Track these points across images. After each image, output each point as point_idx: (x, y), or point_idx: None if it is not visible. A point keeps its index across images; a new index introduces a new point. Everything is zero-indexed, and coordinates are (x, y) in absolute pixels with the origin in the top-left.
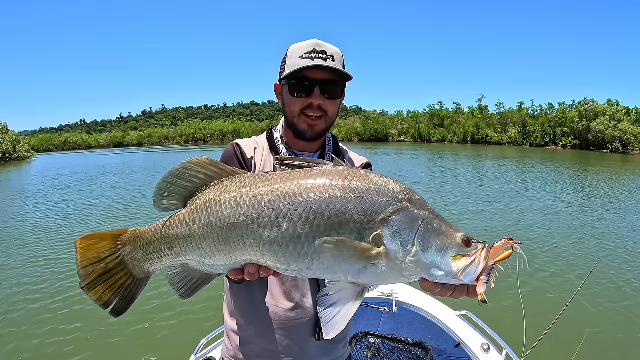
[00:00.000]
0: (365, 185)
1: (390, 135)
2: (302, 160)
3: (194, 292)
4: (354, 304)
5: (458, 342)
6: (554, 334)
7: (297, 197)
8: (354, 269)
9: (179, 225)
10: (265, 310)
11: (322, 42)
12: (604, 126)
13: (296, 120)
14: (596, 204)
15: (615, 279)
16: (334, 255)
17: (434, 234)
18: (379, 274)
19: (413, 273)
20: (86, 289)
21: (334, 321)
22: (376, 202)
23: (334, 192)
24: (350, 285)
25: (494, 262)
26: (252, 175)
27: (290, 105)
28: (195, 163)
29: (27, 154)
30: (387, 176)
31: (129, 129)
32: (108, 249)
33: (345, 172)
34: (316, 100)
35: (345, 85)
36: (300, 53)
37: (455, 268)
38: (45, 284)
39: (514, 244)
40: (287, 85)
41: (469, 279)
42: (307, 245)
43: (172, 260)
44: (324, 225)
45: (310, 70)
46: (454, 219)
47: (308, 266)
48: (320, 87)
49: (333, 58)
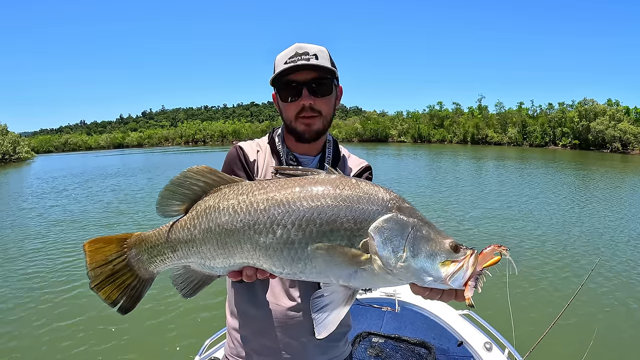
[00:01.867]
0: (356, 193)
1: (390, 135)
2: (296, 170)
3: (196, 292)
4: (345, 307)
5: (460, 341)
6: (555, 334)
7: (290, 205)
8: (344, 274)
9: (180, 230)
10: (266, 308)
11: (304, 44)
12: (604, 126)
13: (293, 124)
14: (596, 204)
15: (616, 278)
16: (325, 261)
17: (423, 241)
18: (369, 278)
19: (403, 278)
20: (95, 289)
21: (325, 322)
22: (366, 210)
23: (326, 200)
24: (342, 288)
25: (482, 267)
26: (249, 183)
27: (285, 111)
28: (195, 172)
29: (26, 155)
30: (378, 185)
31: (128, 130)
32: (115, 251)
33: (337, 181)
34: (306, 101)
35: (333, 81)
36: (284, 59)
37: (444, 273)
38: (46, 289)
39: (502, 250)
40: (277, 92)
41: (457, 284)
42: (300, 250)
43: (174, 262)
44: (316, 232)
45: (294, 74)
46: (454, 221)
47: (301, 270)
48: (307, 87)
49: (317, 56)
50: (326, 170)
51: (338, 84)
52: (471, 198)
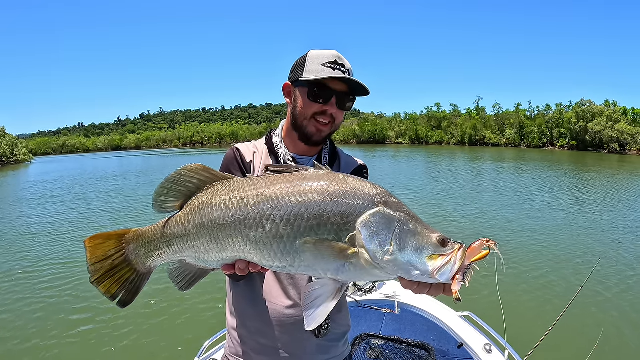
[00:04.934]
0: (343, 188)
1: (387, 137)
2: (285, 167)
3: (192, 285)
4: (333, 300)
5: (460, 343)
6: (556, 336)
7: (279, 201)
8: (332, 267)
9: (175, 226)
10: (265, 308)
11: (342, 56)
12: (601, 127)
13: (306, 122)
14: (596, 203)
15: (617, 279)
16: (313, 254)
17: (410, 234)
18: (356, 271)
19: (390, 272)
20: (95, 283)
21: (314, 314)
22: (353, 204)
23: (313, 195)
24: (332, 281)
25: (470, 262)
26: (240, 179)
27: (304, 107)
28: (189, 169)
29: (24, 157)
30: (365, 180)
31: (126, 132)
32: (114, 247)
33: (325, 177)
34: (331, 108)
35: (355, 99)
36: (322, 61)
37: (430, 267)
38: (44, 290)
39: (491, 244)
40: (305, 88)
41: (445, 278)
42: (289, 244)
43: (170, 257)
44: (304, 227)
45: (330, 80)
46: (453, 221)
47: (291, 263)
48: (337, 97)
49: (350, 72)
50: (315, 166)
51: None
52: (470, 199)
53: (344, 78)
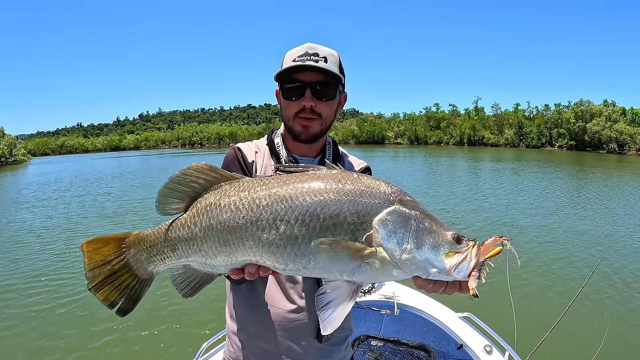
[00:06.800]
0: (358, 187)
1: (386, 137)
2: (296, 167)
3: (196, 292)
4: (349, 302)
5: (460, 344)
6: (557, 337)
7: (293, 201)
8: (348, 268)
9: (180, 229)
10: (266, 311)
11: (316, 45)
12: (600, 127)
13: (291, 122)
14: (596, 203)
15: (617, 280)
16: (329, 255)
17: (426, 232)
18: (373, 272)
19: (407, 270)
20: (93, 290)
21: (330, 318)
22: (368, 203)
23: (328, 195)
24: (346, 283)
25: (484, 258)
26: (250, 179)
27: (285, 108)
28: (194, 169)
29: (23, 157)
30: (379, 178)
31: (125, 133)
32: (113, 251)
33: (339, 176)
34: (308, 102)
35: (338, 86)
36: (293, 57)
37: (448, 265)
38: (42, 293)
39: (504, 240)
40: (280, 89)
41: (462, 275)
42: (303, 246)
43: (174, 261)
44: (319, 227)
45: (300, 73)
46: (453, 221)
47: (305, 266)
48: (310, 89)
49: (326, 59)
50: (327, 166)
51: (343, 91)
52: (468, 200)
53: (308, 66)
